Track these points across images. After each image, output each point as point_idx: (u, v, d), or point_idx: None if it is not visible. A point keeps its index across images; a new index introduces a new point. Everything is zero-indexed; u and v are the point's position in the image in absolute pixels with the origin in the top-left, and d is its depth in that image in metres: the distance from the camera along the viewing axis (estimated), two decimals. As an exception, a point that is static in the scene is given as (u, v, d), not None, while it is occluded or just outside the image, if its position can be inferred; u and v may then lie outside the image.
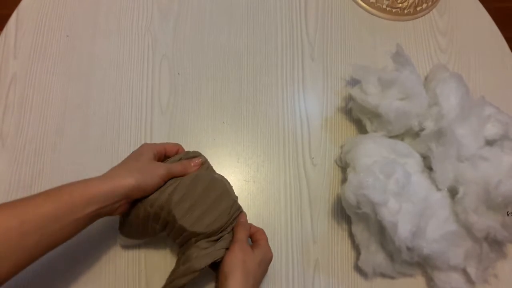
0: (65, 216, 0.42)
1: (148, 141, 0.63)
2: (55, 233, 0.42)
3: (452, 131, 0.56)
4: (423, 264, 0.58)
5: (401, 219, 0.52)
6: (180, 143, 0.63)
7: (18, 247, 0.39)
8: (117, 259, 0.57)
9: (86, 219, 0.44)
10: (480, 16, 0.75)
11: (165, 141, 0.57)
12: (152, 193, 0.50)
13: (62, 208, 0.42)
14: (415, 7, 0.75)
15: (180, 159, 0.54)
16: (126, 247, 0.57)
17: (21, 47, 0.67)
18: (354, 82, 0.65)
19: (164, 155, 0.54)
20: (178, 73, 0.67)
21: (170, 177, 0.51)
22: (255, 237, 0.54)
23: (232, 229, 0.52)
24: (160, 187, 0.50)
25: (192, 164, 0.53)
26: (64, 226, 0.43)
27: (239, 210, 0.53)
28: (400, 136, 0.62)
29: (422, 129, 0.60)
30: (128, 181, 0.46)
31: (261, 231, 0.55)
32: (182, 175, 0.52)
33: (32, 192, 0.57)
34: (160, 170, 0.49)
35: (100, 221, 0.58)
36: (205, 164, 0.55)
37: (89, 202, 0.44)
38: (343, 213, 0.60)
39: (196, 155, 0.55)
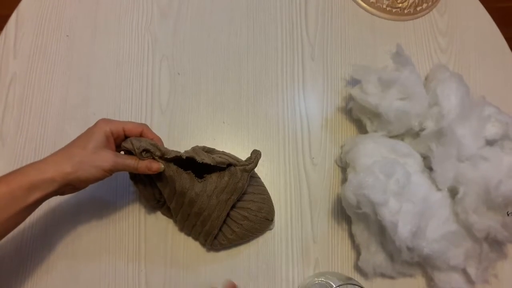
0: (7, 207, 0.42)
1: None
2: (1, 224, 0.42)
3: (452, 131, 0.56)
4: (423, 264, 0.58)
5: (401, 219, 0.52)
6: (180, 143, 0.63)
7: None
8: (117, 259, 0.57)
9: (31, 205, 0.44)
10: (480, 16, 0.75)
11: (162, 137, 0.55)
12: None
13: (2, 199, 0.42)
14: (415, 7, 0.75)
15: (143, 151, 0.49)
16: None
17: (21, 47, 0.67)
18: (354, 82, 0.65)
19: (123, 135, 0.50)
20: (178, 73, 0.67)
21: (117, 171, 0.49)
22: None
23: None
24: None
25: (147, 167, 0.49)
26: (9, 217, 0.43)
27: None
28: (400, 136, 0.62)
29: (422, 129, 0.60)
30: (65, 171, 0.44)
31: None
32: (134, 171, 0.50)
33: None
34: (105, 164, 0.47)
35: (102, 219, 0.58)
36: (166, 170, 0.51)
37: (28, 192, 0.43)
38: (343, 213, 0.60)
39: (156, 153, 0.50)
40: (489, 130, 0.58)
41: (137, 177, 0.54)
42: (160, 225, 0.59)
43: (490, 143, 0.59)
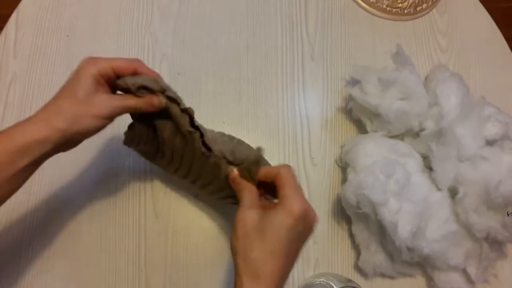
0: None
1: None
2: None
3: (452, 131, 0.56)
4: (423, 264, 0.58)
5: (401, 219, 0.52)
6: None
7: None
8: (117, 259, 0.57)
9: (23, 171, 0.39)
10: (480, 16, 0.75)
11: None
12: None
13: None
14: (415, 7, 0.75)
15: (140, 88, 0.44)
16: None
17: (21, 47, 0.67)
18: (354, 82, 0.65)
19: (113, 75, 0.43)
20: (178, 73, 0.67)
21: (118, 115, 0.44)
22: (276, 188, 0.41)
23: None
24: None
25: (148, 102, 0.44)
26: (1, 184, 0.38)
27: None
28: (400, 136, 0.62)
29: (422, 129, 0.60)
30: (58, 128, 0.39)
31: (280, 174, 0.41)
32: (136, 111, 0.45)
33: (33, 192, 0.56)
34: (102, 110, 0.41)
35: (102, 219, 0.58)
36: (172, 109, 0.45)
37: (16, 156, 0.38)
38: (343, 213, 0.60)
39: (156, 88, 0.44)
40: (489, 130, 0.58)
41: (136, 131, 0.49)
42: (160, 225, 0.59)
43: (490, 143, 0.59)
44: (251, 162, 0.43)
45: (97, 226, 0.58)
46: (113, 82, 0.44)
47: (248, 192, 0.42)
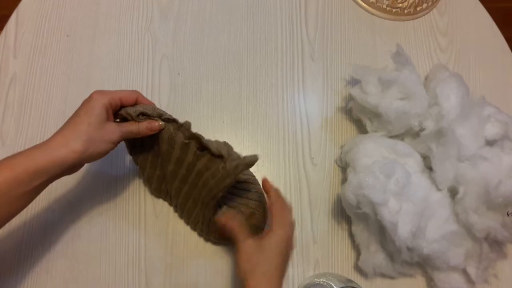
0: (10, 191, 0.41)
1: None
2: (4, 206, 0.42)
3: (452, 131, 0.56)
4: (423, 264, 0.58)
5: (401, 219, 0.52)
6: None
7: None
8: (117, 259, 0.57)
9: (35, 189, 0.43)
10: (480, 16, 0.75)
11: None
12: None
13: (6, 183, 0.41)
14: (415, 7, 0.75)
15: (139, 115, 0.50)
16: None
17: (21, 47, 0.67)
18: (354, 82, 0.65)
19: (120, 105, 0.50)
20: (178, 73, 0.67)
21: (122, 140, 0.50)
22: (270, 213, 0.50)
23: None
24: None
25: (148, 127, 0.50)
26: (12, 200, 0.42)
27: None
28: (400, 136, 0.62)
29: (422, 129, 0.60)
30: (76, 150, 0.44)
31: (272, 205, 0.50)
32: (136, 136, 0.50)
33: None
34: (113, 136, 0.47)
35: (102, 219, 0.58)
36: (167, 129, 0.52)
37: (34, 176, 0.42)
38: (343, 213, 0.60)
39: (154, 114, 0.51)
40: (489, 130, 0.58)
41: (138, 152, 0.55)
42: (160, 225, 0.59)
43: (490, 143, 0.59)
44: (245, 164, 0.48)
45: (97, 226, 0.58)
46: (116, 111, 0.50)
47: (239, 229, 0.49)
